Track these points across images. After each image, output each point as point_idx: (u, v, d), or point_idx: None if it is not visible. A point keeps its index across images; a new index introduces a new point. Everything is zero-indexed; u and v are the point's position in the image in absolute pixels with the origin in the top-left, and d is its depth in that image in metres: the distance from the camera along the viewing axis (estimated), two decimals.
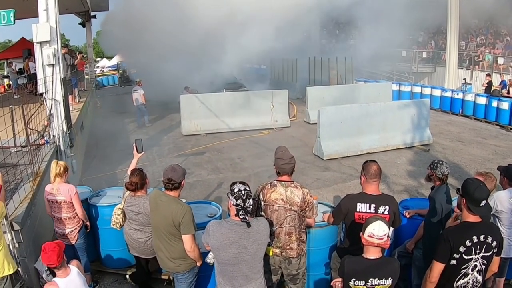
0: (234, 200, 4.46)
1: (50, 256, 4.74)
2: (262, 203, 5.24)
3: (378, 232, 4.19)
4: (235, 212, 4.48)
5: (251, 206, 4.50)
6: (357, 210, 5.19)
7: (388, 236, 4.22)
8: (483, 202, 4.36)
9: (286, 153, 5.31)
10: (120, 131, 19.14)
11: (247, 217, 4.46)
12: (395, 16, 28.44)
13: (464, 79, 27.65)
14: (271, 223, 5.06)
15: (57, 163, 6.52)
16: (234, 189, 4.52)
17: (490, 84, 22.72)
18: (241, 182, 4.63)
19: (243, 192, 4.47)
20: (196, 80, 24.52)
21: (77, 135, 12.61)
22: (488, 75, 23.78)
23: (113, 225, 6.11)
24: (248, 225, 4.46)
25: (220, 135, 17.95)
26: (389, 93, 23.10)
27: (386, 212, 5.08)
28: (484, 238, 4.38)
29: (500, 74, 25.10)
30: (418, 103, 17.25)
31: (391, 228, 5.53)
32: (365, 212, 5.12)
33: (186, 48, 26.06)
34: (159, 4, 26.01)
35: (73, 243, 6.56)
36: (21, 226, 6.07)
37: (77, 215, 6.52)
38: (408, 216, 6.63)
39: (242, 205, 4.43)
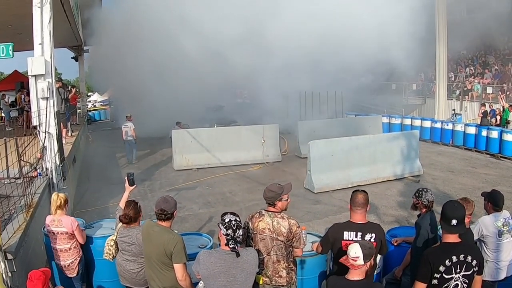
0: (225, 230, 4.57)
1: (35, 284, 4.80)
2: (251, 231, 5.32)
3: (350, 252, 4.36)
4: (225, 242, 4.59)
5: (240, 236, 4.63)
6: (344, 238, 5.27)
7: (362, 259, 4.32)
8: (454, 221, 4.55)
9: (270, 185, 5.43)
10: (112, 165, 19.13)
11: (236, 247, 4.57)
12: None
13: (454, 109, 27.99)
14: (259, 252, 5.14)
15: (58, 195, 6.63)
16: (225, 220, 4.64)
17: (485, 114, 22.88)
18: (231, 213, 4.74)
19: (233, 222, 4.60)
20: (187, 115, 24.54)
21: (70, 168, 12.66)
22: (483, 105, 23.99)
23: (106, 256, 6.11)
24: (237, 254, 4.57)
25: (211, 170, 17.91)
26: (380, 126, 23.35)
27: (372, 240, 5.16)
28: (463, 257, 4.52)
29: (489, 104, 25.40)
30: (407, 134, 17.48)
31: (379, 256, 5.63)
32: (352, 240, 5.17)
33: (176, 82, 26.18)
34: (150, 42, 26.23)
35: (74, 275, 6.65)
36: (14, 255, 6.14)
37: (76, 245, 6.65)
38: (395, 244, 6.75)
39: (232, 235, 4.55)
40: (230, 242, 4.56)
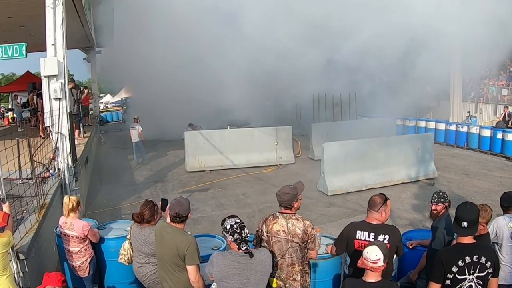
0: (231, 236, 4.54)
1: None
2: (265, 233, 5.24)
3: (370, 255, 4.26)
4: (237, 246, 4.55)
5: (248, 235, 4.58)
6: (357, 237, 5.23)
7: (382, 261, 4.24)
8: (464, 223, 4.54)
9: (282, 188, 5.38)
10: (124, 167, 19.22)
11: (249, 248, 4.53)
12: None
13: (469, 112, 27.74)
14: (273, 254, 5.07)
15: (69, 198, 6.60)
16: (226, 227, 4.60)
17: (511, 116, 22.62)
18: (230, 217, 4.71)
19: (235, 226, 4.56)
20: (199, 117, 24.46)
21: (82, 169, 12.67)
22: (506, 107, 23.70)
23: (121, 259, 6.13)
24: (251, 255, 4.52)
25: (224, 172, 17.93)
26: (394, 128, 23.14)
27: (386, 241, 5.07)
28: (477, 258, 4.50)
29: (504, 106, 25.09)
30: (421, 137, 17.39)
31: (395, 257, 5.54)
32: (364, 240, 5.16)
33: (191, 83, 26.10)
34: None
35: (85, 276, 6.63)
36: (26, 256, 6.17)
37: (88, 247, 6.62)
38: (410, 247, 6.66)
39: (240, 237, 4.51)
40: (242, 245, 4.52)
